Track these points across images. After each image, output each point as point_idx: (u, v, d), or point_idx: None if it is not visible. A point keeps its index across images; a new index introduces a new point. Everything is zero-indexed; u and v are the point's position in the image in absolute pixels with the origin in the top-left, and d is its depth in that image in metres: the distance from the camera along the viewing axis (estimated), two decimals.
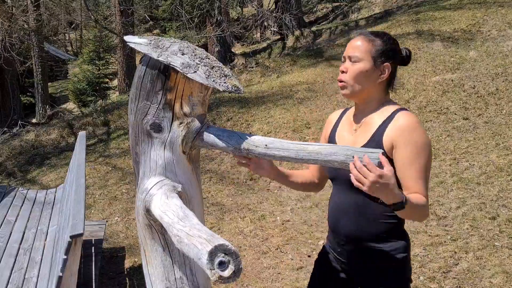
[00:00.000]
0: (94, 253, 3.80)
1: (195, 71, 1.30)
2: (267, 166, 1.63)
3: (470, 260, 3.43)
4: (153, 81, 1.37)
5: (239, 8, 15.87)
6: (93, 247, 3.85)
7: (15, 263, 2.96)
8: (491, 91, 6.00)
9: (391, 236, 1.60)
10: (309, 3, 15.16)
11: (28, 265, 2.94)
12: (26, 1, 13.03)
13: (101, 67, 16.21)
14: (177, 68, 1.30)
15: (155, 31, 19.54)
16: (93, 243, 3.87)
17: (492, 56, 6.87)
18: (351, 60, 1.56)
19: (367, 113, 1.59)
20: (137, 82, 1.41)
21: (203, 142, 1.42)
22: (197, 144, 1.43)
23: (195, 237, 1.05)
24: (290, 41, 11.52)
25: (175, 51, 1.34)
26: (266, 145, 1.38)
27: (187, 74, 1.29)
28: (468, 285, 3.20)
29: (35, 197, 4.18)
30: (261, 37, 13.72)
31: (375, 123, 1.55)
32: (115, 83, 15.55)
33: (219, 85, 1.32)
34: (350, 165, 1.29)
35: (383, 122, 1.53)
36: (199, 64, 1.33)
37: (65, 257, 2.09)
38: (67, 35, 30.95)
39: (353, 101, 1.68)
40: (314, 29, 11.93)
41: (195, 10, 10.59)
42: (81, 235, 2.12)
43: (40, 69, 14.32)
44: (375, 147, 1.46)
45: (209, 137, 1.41)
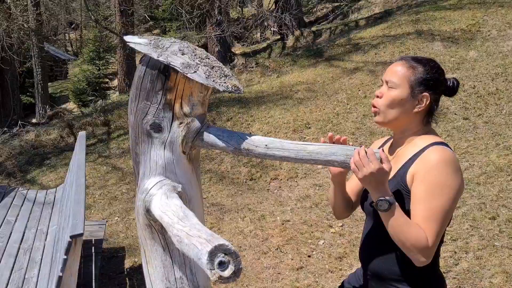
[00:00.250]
0: (94, 253, 3.80)
1: (195, 71, 1.30)
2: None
3: (470, 260, 3.43)
4: (153, 81, 1.37)
5: (239, 8, 15.88)
6: (93, 247, 3.84)
7: (15, 263, 2.96)
8: (491, 91, 6.00)
9: (419, 279, 1.46)
10: (309, 3, 15.16)
11: (28, 265, 2.94)
12: (26, 1, 13.04)
13: (101, 67, 16.23)
14: (177, 68, 1.30)
15: (155, 31, 19.54)
16: (93, 243, 3.87)
17: (492, 56, 6.87)
18: (388, 85, 1.47)
19: (401, 144, 1.50)
20: (137, 82, 1.41)
21: (203, 142, 1.42)
22: (197, 144, 1.43)
23: (195, 237, 1.05)
24: (290, 41, 11.52)
25: (175, 51, 1.34)
26: (266, 145, 1.38)
27: (187, 74, 1.29)
28: (468, 285, 3.20)
29: (35, 197, 4.18)
30: (261, 37, 13.72)
31: (405, 156, 1.45)
32: (115, 83, 15.56)
33: (219, 85, 1.32)
34: (354, 151, 1.33)
35: (413, 156, 1.42)
36: (199, 64, 1.33)
37: (65, 257, 2.09)
38: (67, 35, 30.95)
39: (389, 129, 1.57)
40: (314, 29, 11.93)
41: (195, 10, 10.59)
42: (81, 235, 2.12)
43: (40, 69, 14.33)
44: (398, 182, 1.41)
45: (209, 137, 1.41)
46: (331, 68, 8.60)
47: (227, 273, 0.97)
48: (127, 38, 1.41)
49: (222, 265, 0.98)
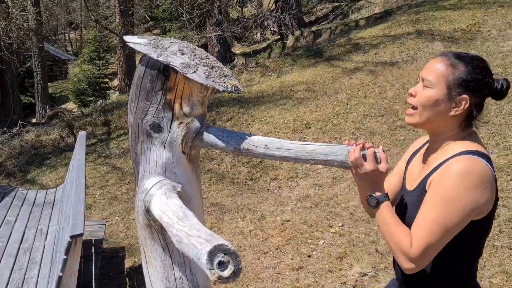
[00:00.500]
0: (94, 253, 3.80)
1: (195, 71, 1.30)
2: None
3: None
4: (152, 81, 1.37)
5: (239, 8, 15.87)
6: (93, 247, 3.85)
7: (15, 263, 2.96)
8: None
9: None
10: (309, 3, 15.16)
11: (28, 265, 2.94)
12: (26, 1, 13.04)
13: (101, 67, 16.23)
14: (176, 68, 1.30)
15: (155, 31, 19.54)
16: (93, 243, 3.87)
17: (492, 56, 6.87)
18: (423, 83, 1.34)
19: (435, 149, 1.37)
20: (136, 82, 1.41)
21: (202, 142, 1.42)
22: (197, 144, 1.43)
23: (194, 237, 1.05)
24: (290, 41, 11.52)
25: (174, 51, 1.34)
26: (266, 145, 1.38)
27: (186, 74, 1.29)
28: None
29: (35, 197, 4.18)
30: (261, 37, 13.72)
31: (434, 163, 1.34)
32: (115, 83, 15.56)
33: (219, 85, 1.32)
34: (352, 148, 1.34)
35: (440, 163, 1.30)
36: (199, 64, 1.33)
37: (65, 257, 2.09)
38: (67, 35, 30.95)
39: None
40: (314, 29, 11.93)
41: (195, 10, 10.59)
42: (81, 235, 2.13)
43: (40, 69, 14.33)
44: (420, 189, 1.35)
45: (208, 137, 1.41)
46: (331, 68, 8.60)
47: (226, 273, 0.98)
48: (127, 38, 1.41)
49: (221, 265, 0.98)
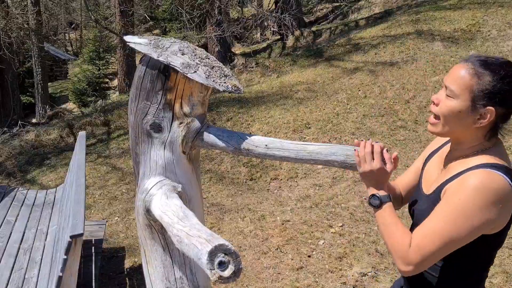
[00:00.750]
0: (94, 253, 3.80)
1: (195, 71, 1.30)
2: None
3: None
4: (153, 81, 1.37)
5: (239, 8, 15.88)
6: (93, 247, 3.85)
7: (15, 263, 2.96)
8: None
9: None
10: (309, 3, 15.16)
11: (28, 265, 2.94)
12: (26, 1, 13.03)
13: (101, 67, 16.23)
14: (177, 68, 1.30)
15: (155, 31, 19.55)
16: (93, 243, 3.87)
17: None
18: (446, 92, 1.25)
19: (456, 157, 1.32)
20: (137, 82, 1.41)
21: (203, 142, 1.42)
22: (197, 144, 1.43)
23: (195, 237, 1.05)
24: (290, 41, 11.52)
25: (175, 51, 1.34)
26: (266, 145, 1.38)
27: (187, 74, 1.29)
28: None
29: (35, 197, 4.18)
30: (261, 37, 13.72)
31: (452, 172, 1.28)
32: (115, 83, 15.57)
33: (219, 85, 1.32)
34: (361, 143, 1.34)
35: (458, 173, 1.25)
36: (199, 64, 1.33)
37: (65, 257, 2.09)
38: (67, 35, 30.95)
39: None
40: (314, 29, 11.93)
41: (195, 10, 10.59)
42: (81, 235, 2.13)
43: (40, 69, 14.32)
44: (435, 197, 1.32)
45: (209, 137, 1.41)
46: (331, 68, 8.60)
47: (227, 273, 0.98)
48: (127, 38, 1.41)
49: (222, 265, 0.98)
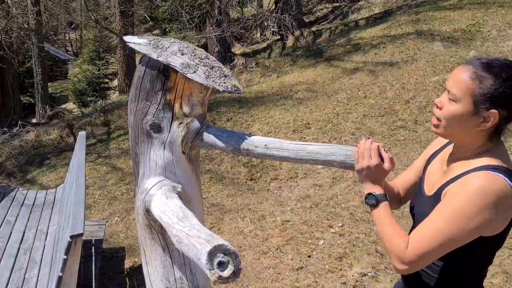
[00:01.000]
0: (94, 253, 3.80)
1: (195, 71, 1.30)
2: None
3: None
4: (152, 81, 1.37)
5: (239, 8, 15.87)
6: (93, 247, 3.85)
7: (15, 263, 2.96)
8: None
9: None
10: (309, 3, 15.16)
11: (28, 265, 2.94)
12: (26, 1, 13.03)
13: (101, 67, 16.23)
14: (176, 68, 1.30)
15: (155, 31, 19.55)
16: (93, 243, 3.87)
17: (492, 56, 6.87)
18: (449, 95, 1.26)
19: (458, 159, 1.32)
20: (136, 82, 1.41)
21: (202, 142, 1.42)
22: (197, 144, 1.43)
23: (194, 237, 1.05)
24: (290, 41, 11.52)
25: (174, 51, 1.34)
26: (265, 145, 1.38)
27: (186, 74, 1.29)
28: None
29: (35, 197, 4.18)
30: (261, 38, 13.72)
31: (454, 173, 1.29)
32: (115, 83, 15.56)
33: (219, 85, 1.32)
34: (360, 142, 1.35)
35: (460, 174, 1.26)
36: (199, 64, 1.33)
37: (65, 257, 2.09)
38: (67, 35, 30.95)
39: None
40: (314, 29, 11.93)
41: (195, 10, 10.59)
42: (81, 235, 2.13)
43: (40, 69, 14.32)
44: (436, 198, 1.32)
45: (208, 137, 1.41)
46: (331, 68, 8.60)
47: (226, 273, 0.98)
48: (127, 38, 1.41)
49: (221, 265, 0.98)
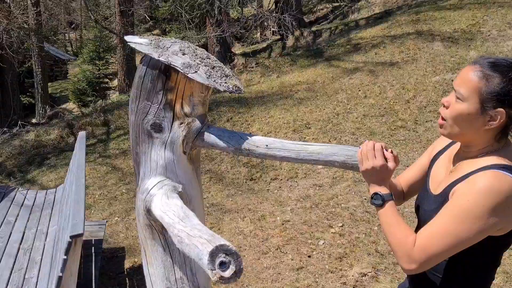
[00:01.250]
0: (94, 253, 3.80)
1: (196, 71, 1.30)
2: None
3: None
4: (153, 81, 1.37)
5: (239, 8, 15.87)
6: (93, 247, 3.85)
7: (15, 263, 2.96)
8: None
9: None
10: (309, 3, 15.15)
11: (28, 265, 2.94)
12: (26, 1, 13.02)
13: (101, 67, 16.21)
14: (177, 68, 1.30)
15: (155, 31, 19.54)
16: (93, 243, 3.87)
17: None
18: (455, 94, 1.25)
19: (464, 158, 1.32)
20: (137, 82, 1.41)
21: (203, 142, 1.42)
22: (198, 144, 1.43)
23: (196, 237, 1.04)
24: (290, 41, 11.52)
25: (175, 51, 1.34)
26: (266, 146, 1.38)
27: (187, 74, 1.29)
28: None
29: (35, 197, 4.18)
30: (261, 37, 13.72)
31: (461, 172, 1.28)
32: (115, 83, 15.56)
33: (220, 85, 1.32)
34: (364, 143, 1.34)
35: (468, 174, 1.25)
36: (200, 64, 1.33)
37: (65, 257, 2.09)
38: (67, 35, 30.94)
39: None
40: (314, 29, 11.93)
41: (195, 10, 10.59)
42: (81, 235, 2.12)
43: (40, 69, 14.31)
44: (443, 197, 1.31)
45: (209, 137, 1.41)
46: (331, 68, 8.60)
47: (228, 273, 0.97)
48: (128, 38, 1.41)
49: (223, 266, 0.97)
